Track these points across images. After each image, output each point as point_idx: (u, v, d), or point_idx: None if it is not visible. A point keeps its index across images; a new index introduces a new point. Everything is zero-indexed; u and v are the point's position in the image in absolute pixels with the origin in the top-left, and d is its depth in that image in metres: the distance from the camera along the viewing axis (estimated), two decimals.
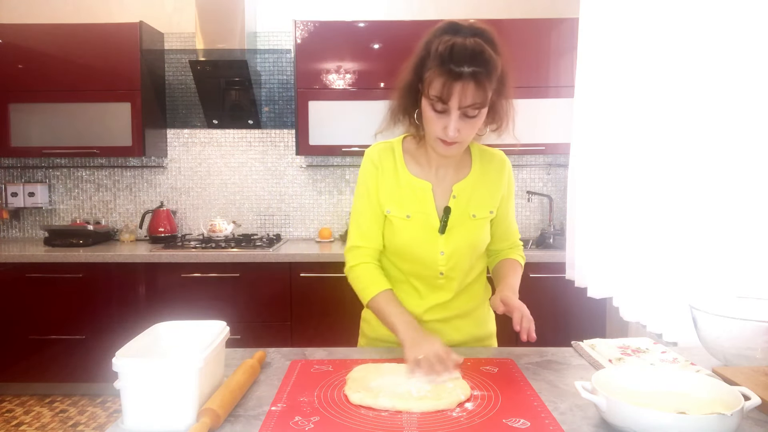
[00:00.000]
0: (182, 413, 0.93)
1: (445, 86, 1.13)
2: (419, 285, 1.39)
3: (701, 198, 1.73)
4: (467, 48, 1.12)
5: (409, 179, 1.34)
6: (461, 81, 1.12)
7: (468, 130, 1.20)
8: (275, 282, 3.04)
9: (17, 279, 3.08)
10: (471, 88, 1.13)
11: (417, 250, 1.34)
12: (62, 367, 3.14)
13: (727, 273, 1.64)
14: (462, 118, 1.17)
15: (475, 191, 1.35)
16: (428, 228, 1.33)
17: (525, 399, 1.06)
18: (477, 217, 1.35)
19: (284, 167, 3.63)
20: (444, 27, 1.19)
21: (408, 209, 1.33)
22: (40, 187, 3.58)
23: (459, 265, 1.37)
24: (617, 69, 2.18)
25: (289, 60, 3.55)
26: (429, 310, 1.39)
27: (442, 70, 1.13)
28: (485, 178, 1.37)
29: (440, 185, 1.35)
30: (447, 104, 1.15)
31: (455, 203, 1.34)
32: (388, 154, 1.36)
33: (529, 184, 3.62)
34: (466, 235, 1.34)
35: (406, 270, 1.39)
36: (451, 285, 1.38)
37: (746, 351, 1.14)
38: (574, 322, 3.02)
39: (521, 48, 3.19)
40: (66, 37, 3.22)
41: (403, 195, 1.34)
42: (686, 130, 1.77)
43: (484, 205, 1.36)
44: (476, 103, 1.15)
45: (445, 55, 1.13)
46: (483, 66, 1.12)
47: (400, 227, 1.34)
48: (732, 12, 1.58)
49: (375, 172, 1.36)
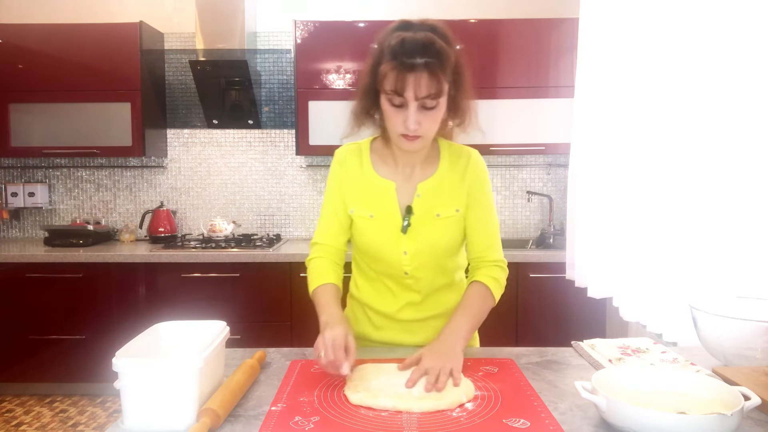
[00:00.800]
0: (182, 413, 0.93)
1: (399, 78, 1.14)
2: (390, 284, 1.40)
3: (701, 198, 1.73)
4: (417, 40, 1.15)
5: (373, 179, 1.35)
6: (414, 72, 1.13)
7: (428, 122, 1.20)
8: (275, 282, 3.04)
9: (17, 279, 3.08)
10: (425, 79, 1.14)
11: (381, 250, 1.35)
12: (62, 367, 3.14)
13: (727, 273, 1.64)
14: (420, 110, 1.18)
15: (441, 190, 1.34)
16: (391, 228, 1.33)
17: (525, 399, 1.05)
18: (441, 216, 1.33)
19: (284, 167, 3.63)
20: (396, 25, 1.22)
21: (371, 209, 1.34)
22: (40, 187, 3.58)
23: (425, 265, 1.35)
24: (617, 69, 2.18)
25: (289, 60, 3.55)
26: (402, 309, 1.40)
27: (395, 63, 1.14)
28: (452, 176, 1.34)
29: (406, 184, 1.34)
30: (403, 96, 1.16)
31: (419, 202, 1.32)
32: (355, 154, 1.38)
33: (529, 184, 3.62)
34: (429, 234, 1.33)
35: (375, 269, 1.40)
36: (418, 285, 1.38)
37: (746, 351, 1.14)
38: (574, 322, 3.02)
39: (521, 48, 3.19)
40: (66, 37, 3.22)
41: (367, 195, 1.34)
42: (686, 130, 1.77)
43: (450, 204, 1.33)
44: (432, 93, 1.15)
45: (396, 48, 1.15)
46: (434, 56, 1.14)
47: (363, 227, 1.35)
48: (732, 12, 1.58)
49: (340, 172, 1.37)
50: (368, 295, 1.43)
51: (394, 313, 1.40)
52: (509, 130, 3.22)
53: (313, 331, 1.56)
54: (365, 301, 1.44)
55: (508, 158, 3.57)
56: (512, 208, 3.64)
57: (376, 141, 1.38)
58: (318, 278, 1.34)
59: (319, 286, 1.33)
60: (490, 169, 3.94)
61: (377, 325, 1.43)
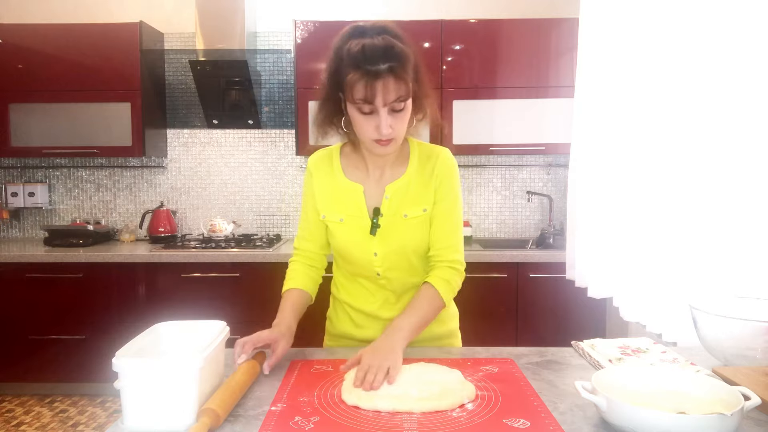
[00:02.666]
0: (182, 413, 0.93)
1: (367, 87, 1.15)
2: (365, 283, 1.42)
3: (701, 198, 1.73)
4: (377, 46, 1.15)
5: (343, 183, 1.36)
6: (381, 78, 1.14)
7: (399, 124, 1.21)
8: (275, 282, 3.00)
9: (17, 279, 3.08)
10: (391, 83, 1.15)
11: (352, 252, 1.37)
12: (62, 367, 3.14)
13: (727, 273, 1.64)
14: (390, 114, 1.19)
15: (410, 190, 1.34)
16: (360, 230, 1.34)
17: (525, 399, 1.06)
18: (409, 217, 1.33)
19: (284, 167, 3.63)
20: (349, 31, 1.22)
21: (341, 213, 1.36)
22: (40, 187, 3.58)
23: (396, 266, 1.36)
24: (617, 69, 2.18)
25: (289, 60, 3.55)
26: (382, 308, 1.42)
27: (361, 73, 1.14)
28: (420, 177, 1.35)
29: (375, 187, 1.35)
30: (373, 104, 1.17)
31: (387, 204, 1.33)
32: (325, 160, 1.40)
33: (529, 184, 3.62)
34: (398, 235, 1.33)
35: (350, 270, 1.43)
36: (392, 285, 1.39)
37: (746, 351, 1.14)
38: (574, 322, 3.02)
39: (521, 48, 3.19)
40: (66, 37, 3.22)
41: (337, 199, 1.37)
42: (686, 130, 1.77)
43: (417, 204, 1.34)
44: (400, 96, 1.17)
45: (359, 57, 1.15)
46: (396, 59, 1.15)
47: (335, 230, 1.37)
48: (732, 12, 1.58)
49: (310, 180, 1.41)
50: (348, 295, 1.46)
51: (374, 311, 1.42)
52: (509, 130, 3.22)
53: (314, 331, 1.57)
54: (345, 300, 1.46)
55: (508, 158, 3.57)
56: (512, 208, 3.64)
57: (346, 145, 1.40)
58: (287, 282, 1.43)
59: (285, 290, 1.41)
60: (490, 169, 3.93)
61: (358, 323, 1.45)
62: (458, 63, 3.19)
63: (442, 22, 3.15)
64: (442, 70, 3.17)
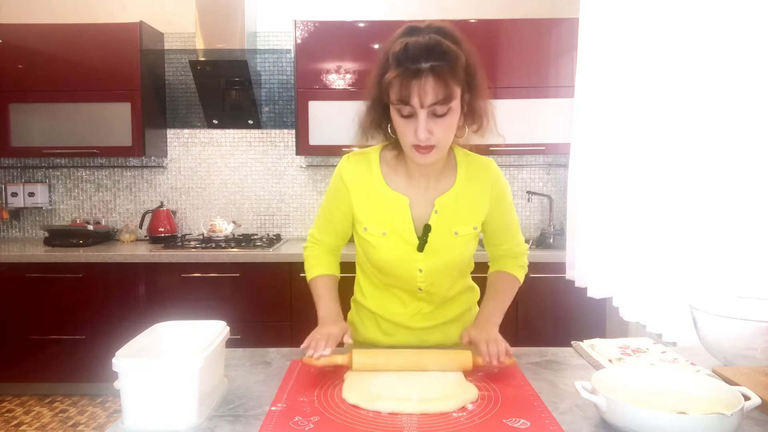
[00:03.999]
0: (182, 413, 0.93)
1: (404, 86, 1.08)
2: (401, 295, 1.37)
3: (701, 198, 1.73)
4: (421, 44, 1.08)
5: (386, 193, 1.27)
6: (419, 77, 1.07)
7: (441, 131, 1.12)
8: (275, 282, 3.04)
9: (17, 279, 3.08)
10: (431, 83, 1.07)
11: (394, 267, 1.30)
12: (62, 367, 3.14)
13: (727, 273, 1.64)
14: (431, 118, 1.11)
15: (460, 205, 1.27)
16: (405, 245, 1.27)
17: (525, 399, 1.05)
18: (459, 235, 1.28)
19: (284, 167, 3.63)
20: (401, 31, 1.15)
21: (384, 226, 1.27)
22: (40, 187, 3.58)
23: (439, 282, 1.33)
24: (617, 69, 2.18)
25: (289, 60, 3.55)
26: (413, 318, 1.38)
27: (399, 71, 1.08)
28: (470, 191, 1.28)
29: (421, 198, 1.27)
30: (410, 105, 1.09)
31: (437, 219, 1.26)
32: (363, 167, 1.29)
33: (529, 184, 3.62)
34: (446, 253, 1.28)
35: (385, 282, 1.37)
36: (431, 298, 1.37)
37: (746, 351, 1.14)
38: (574, 322, 3.02)
39: (521, 48, 3.19)
40: (66, 37, 3.22)
41: (379, 211, 1.28)
42: (686, 130, 1.77)
43: (468, 221, 1.29)
44: (440, 98, 1.08)
45: (400, 54, 1.08)
46: (440, 59, 1.07)
47: (376, 244, 1.28)
48: (732, 12, 1.58)
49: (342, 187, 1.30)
50: (376, 304, 1.40)
51: (406, 321, 1.38)
52: (509, 130, 3.15)
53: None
54: (373, 309, 1.41)
55: (508, 158, 3.57)
56: None
57: (386, 150, 1.30)
58: (316, 267, 1.37)
59: (317, 276, 1.35)
60: None
61: (386, 331, 1.41)
62: None
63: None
64: None
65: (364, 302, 1.43)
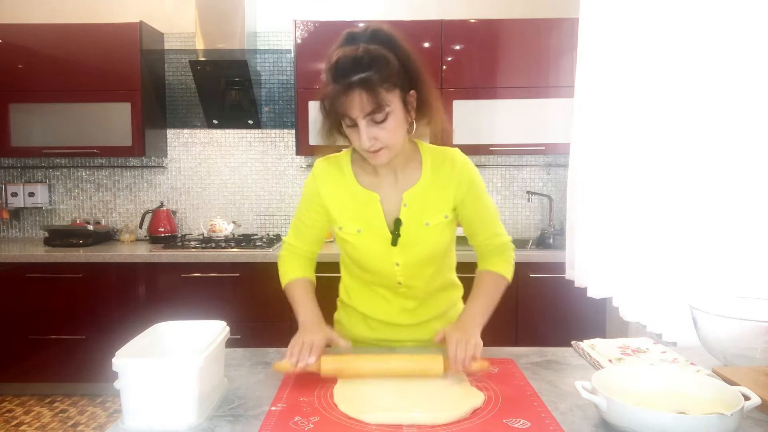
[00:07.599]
0: (182, 413, 0.93)
1: (341, 101, 1.11)
2: (384, 292, 1.39)
3: (701, 198, 1.73)
4: (349, 57, 1.10)
5: (357, 191, 1.30)
6: (351, 91, 1.09)
7: (385, 134, 1.15)
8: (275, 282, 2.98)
9: (17, 279, 3.08)
10: (363, 96, 1.09)
11: (372, 263, 1.33)
12: (62, 367, 3.14)
13: (727, 273, 1.64)
14: (372, 125, 1.13)
15: (428, 196, 1.29)
16: (380, 240, 1.30)
17: (525, 399, 1.06)
18: (431, 225, 1.29)
19: (284, 167, 3.63)
20: (340, 39, 1.17)
21: (358, 223, 1.30)
22: (40, 187, 3.58)
23: (418, 274, 1.34)
24: (617, 69, 2.17)
25: (289, 60, 3.55)
26: (399, 315, 1.39)
27: (332, 87, 1.11)
28: (437, 181, 1.30)
29: (391, 193, 1.30)
30: (349, 116, 1.12)
31: (407, 212, 1.29)
32: (335, 169, 1.33)
33: (529, 184, 3.62)
34: (420, 244, 1.30)
35: (367, 279, 1.39)
36: (413, 293, 1.37)
37: (746, 351, 1.15)
38: (574, 322, 3.02)
39: (521, 48, 3.19)
40: (66, 37, 3.22)
41: (352, 209, 1.31)
42: (686, 130, 1.77)
43: (438, 211, 1.30)
44: (374, 107, 1.11)
45: (333, 70, 1.12)
46: (368, 69, 1.09)
47: (352, 242, 1.32)
48: (732, 12, 1.58)
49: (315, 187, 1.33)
50: (361, 303, 1.42)
51: (391, 319, 1.40)
52: (509, 130, 3.22)
53: None
54: (358, 308, 1.43)
55: (508, 158, 3.57)
56: (512, 208, 3.64)
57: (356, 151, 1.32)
58: (290, 272, 1.38)
59: (293, 280, 1.36)
60: (490, 169, 3.93)
61: (374, 328, 1.43)
62: (458, 63, 3.19)
63: (441, 22, 3.15)
64: (442, 70, 3.17)
65: (349, 301, 1.45)
